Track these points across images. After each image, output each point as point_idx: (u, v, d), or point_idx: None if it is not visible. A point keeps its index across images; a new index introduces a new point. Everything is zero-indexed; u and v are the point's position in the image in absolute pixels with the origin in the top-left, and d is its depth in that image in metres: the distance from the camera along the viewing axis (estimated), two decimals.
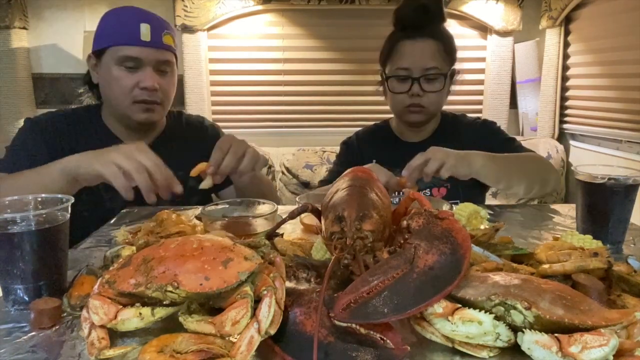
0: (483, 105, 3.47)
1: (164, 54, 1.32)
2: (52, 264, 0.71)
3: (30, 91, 3.28)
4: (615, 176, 0.95)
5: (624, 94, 2.70)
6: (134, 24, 1.26)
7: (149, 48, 1.28)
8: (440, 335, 0.56)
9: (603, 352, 0.48)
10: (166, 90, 1.35)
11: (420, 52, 1.39)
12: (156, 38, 1.28)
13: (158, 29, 1.29)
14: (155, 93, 1.30)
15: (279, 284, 0.58)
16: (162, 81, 1.32)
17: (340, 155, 1.64)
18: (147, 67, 1.28)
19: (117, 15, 1.33)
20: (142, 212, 1.22)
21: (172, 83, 1.38)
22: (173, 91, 1.39)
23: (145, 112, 1.32)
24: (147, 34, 1.27)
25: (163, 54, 1.31)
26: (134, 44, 1.26)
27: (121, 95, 1.29)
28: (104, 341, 0.56)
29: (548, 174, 1.37)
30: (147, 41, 1.27)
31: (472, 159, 1.18)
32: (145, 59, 1.28)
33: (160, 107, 1.35)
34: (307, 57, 3.38)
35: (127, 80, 1.28)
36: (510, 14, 3.27)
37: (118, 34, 1.28)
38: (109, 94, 1.33)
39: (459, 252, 0.59)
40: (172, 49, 1.35)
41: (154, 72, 1.30)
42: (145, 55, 1.28)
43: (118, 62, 1.27)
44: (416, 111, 1.43)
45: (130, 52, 1.26)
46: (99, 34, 1.32)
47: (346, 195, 0.74)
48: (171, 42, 1.34)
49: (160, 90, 1.31)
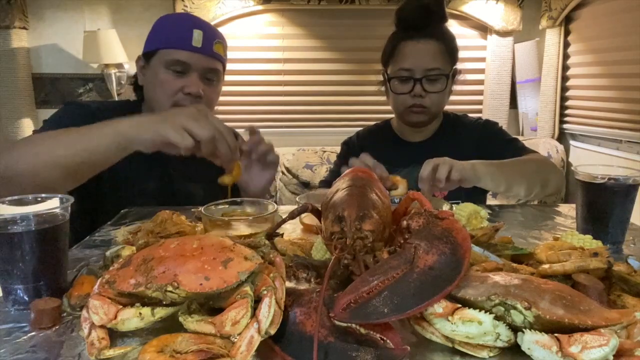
0: (483, 105, 3.47)
1: (213, 62, 1.30)
2: (52, 264, 0.71)
3: (30, 91, 3.28)
4: (615, 176, 0.95)
5: (624, 94, 2.70)
6: (187, 29, 1.25)
7: (199, 54, 1.26)
8: (440, 335, 0.56)
9: (603, 352, 0.48)
10: (210, 99, 1.32)
11: (422, 53, 1.39)
12: (207, 45, 1.27)
13: (210, 37, 1.28)
14: (198, 100, 1.28)
15: (279, 284, 0.58)
16: (207, 89, 1.30)
17: (341, 156, 1.64)
18: (194, 73, 1.27)
19: (171, 19, 1.33)
20: (142, 212, 1.22)
21: (217, 92, 1.36)
22: (216, 101, 1.37)
23: None
24: (199, 40, 1.25)
25: (212, 62, 1.30)
26: (185, 48, 1.25)
27: (164, 97, 1.27)
28: (104, 341, 0.56)
29: (549, 175, 1.37)
30: (197, 47, 1.25)
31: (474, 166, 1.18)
32: (193, 65, 1.26)
33: None
34: (307, 57, 3.38)
35: (172, 84, 1.26)
36: (510, 14, 3.27)
37: (170, 38, 1.27)
38: (152, 96, 1.31)
39: (459, 252, 0.59)
40: (221, 59, 1.34)
41: (200, 79, 1.28)
42: (194, 61, 1.26)
43: (166, 65, 1.26)
44: (418, 111, 1.43)
45: (180, 56, 1.25)
46: (151, 36, 1.31)
47: (346, 195, 0.74)
48: (221, 51, 1.33)
49: (204, 98, 1.29)
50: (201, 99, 1.28)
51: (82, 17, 3.26)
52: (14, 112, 3.23)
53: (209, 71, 1.30)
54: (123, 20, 3.25)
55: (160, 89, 1.27)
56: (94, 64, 3.29)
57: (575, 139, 3.25)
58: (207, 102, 1.31)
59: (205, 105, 1.30)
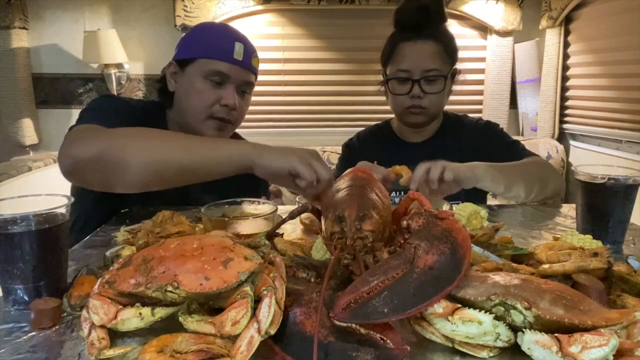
0: (483, 106, 3.47)
1: (249, 75, 1.31)
2: (52, 264, 0.71)
3: (30, 91, 3.28)
4: (615, 176, 0.95)
5: (624, 94, 2.70)
6: (229, 41, 1.26)
7: (239, 67, 1.27)
8: (440, 335, 0.56)
9: (603, 352, 0.48)
10: (242, 111, 1.33)
11: (420, 54, 1.39)
12: (247, 59, 1.28)
13: (249, 51, 1.29)
14: (232, 112, 1.29)
15: (279, 284, 0.58)
16: (240, 101, 1.31)
17: (342, 159, 1.64)
18: (232, 85, 1.27)
19: (213, 30, 1.33)
20: (142, 212, 1.21)
21: (248, 104, 1.37)
22: (246, 112, 1.38)
23: (218, 130, 1.30)
24: (240, 53, 1.26)
25: (249, 75, 1.31)
26: (226, 60, 1.25)
27: (200, 107, 1.27)
28: (104, 341, 0.56)
29: (549, 178, 1.36)
30: (238, 60, 1.26)
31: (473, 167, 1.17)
32: (233, 77, 1.26)
33: (232, 126, 1.34)
34: (307, 57, 3.38)
35: (209, 95, 1.26)
36: (510, 14, 3.27)
37: (212, 48, 1.26)
38: (186, 105, 1.30)
39: (459, 252, 0.59)
40: (256, 72, 1.35)
41: (236, 92, 1.29)
42: (234, 73, 1.26)
43: (205, 75, 1.25)
44: (417, 112, 1.43)
45: (221, 68, 1.24)
46: (188, 43, 1.31)
47: (346, 196, 0.74)
48: (257, 65, 1.34)
49: (238, 109, 1.30)
50: (236, 110, 1.29)
51: (82, 17, 3.26)
52: (14, 112, 3.23)
53: (245, 84, 1.31)
54: (123, 20, 3.25)
55: (196, 98, 1.27)
56: (94, 64, 3.29)
57: (575, 139, 3.25)
58: (239, 113, 1.32)
59: (239, 117, 1.33)
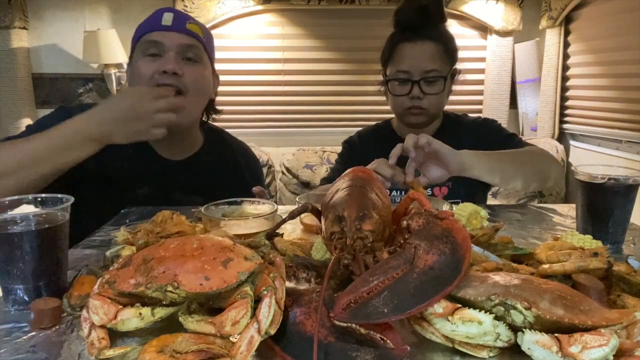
0: (483, 105, 3.47)
1: (188, 39, 1.25)
2: (52, 264, 0.71)
3: (30, 91, 3.28)
4: (615, 176, 0.95)
5: (624, 94, 2.70)
6: (157, 14, 1.26)
7: (171, 32, 1.24)
8: (440, 335, 0.56)
9: (603, 352, 0.48)
10: (194, 79, 1.24)
11: (419, 55, 1.39)
12: (178, 24, 1.25)
13: (182, 17, 1.27)
14: (177, 78, 1.21)
15: (279, 284, 0.58)
16: (188, 69, 1.23)
17: (342, 154, 1.64)
18: (170, 52, 1.23)
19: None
20: (142, 212, 1.22)
21: (202, 74, 1.28)
22: (203, 83, 1.29)
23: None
24: (169, 20, 1.24)
25: (186, 38, 1.25)
26: (156, 28, 1.24)
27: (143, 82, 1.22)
28: (104, 341, 0.56)
29: (548, 166, 1.35)
30: (168, 25, 1.24)
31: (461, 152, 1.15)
32: (167, 43, 1.22)
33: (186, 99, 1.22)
34: (307, 57, 3.39)
35: (148, 67, 1.22)
36: (510, 14, 3.27)
37: (142, 25, 1.27)
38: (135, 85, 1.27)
39: (459, 252, 0.59)
40: (198, 37, 1.28)
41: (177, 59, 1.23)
42: (167, 39, 1.22)
43: (142, 51, 1.24)
44: (416, 113, 1.43)
45: (152, 37, 1.23)
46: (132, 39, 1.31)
47: (346, 195, 0.74)
48: (198, 31, 1.28)
49: (187, 77, 1.22)
50: (179, 77, 1.22)
51: (82, 17, 3.26)
52: (14, 112, 3.23)
53: (186, 49, 1.25)
54: (123, 20, 3.24)
55: (137, 75, 1.24)
56: (94, 64, 3.29)
57: (575, 139, 3.25)
58: (192, 82, 1.24)
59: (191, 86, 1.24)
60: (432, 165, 1.12)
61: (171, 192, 1.34)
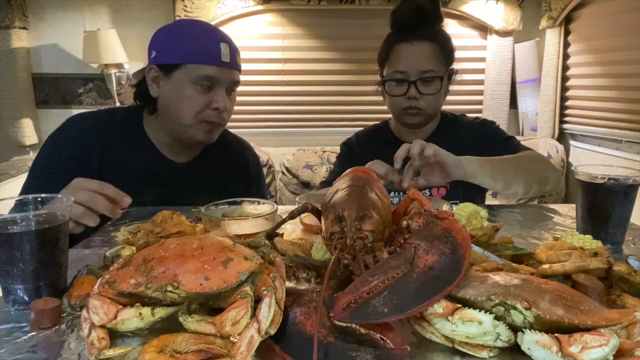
0: (483, 105, 3.47)
1: (237, 75, 1.29)
2: (52, 264, 0.71)
3: (30, 91, 3.28)
4: (615, 176, 0.95)
5: (624, 94, 2.70)
6: (215, 43, 1.22)
7: (227, 69, 1.24)
8: (440, 335, 0.56)
9: (603, 352, 0.48)
10: (230, 111, 1.32)
11: (416, 55, 1.39)
12: (233, 59, 1.25)
13: (234, 50, 1.26)
14: (221, 114, 1.27)
15: (279, 284, 0.58)
16: (228, 101, 1.29)
17: (340, 157, 1.64)
18: (221, 87, 1.25)
19: (195, 31, 1.26)
20: (142, 212, 1.22)
21: (234, 102, 1.35)
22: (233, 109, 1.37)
23: (209, 132, 1.29)
24: (227, 55, 1.23)
25: (236, 74, 1.29)
26: (216, 64, 1.22)
27: (190, 113, 1.24)
28: (104, 341, 0.56)
29: (547, 172, 1.36)
30: (227, 62, 1.23)
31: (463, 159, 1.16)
32: (222, 80, 1.24)
33: (221, 127, 1.33)
34: (307, 57, 3.38)
35: (200, 100, 1.23)
36: (510, 14, 3.27)
37: (198, 52, 1.22)
38: (176, 111, 1.27)
39: (459, 252, 0.59)
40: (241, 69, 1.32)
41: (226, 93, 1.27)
42: (223, 76, 1.24)
43: (195, 80, 1.22)
44: (413, 113, 1.43)
45: (211, 72, 1.22)
46: (170, 47, 1.24)
47: (346, 195, 0.74)
48: (240, 61, 1.31)
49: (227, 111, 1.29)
50: (226, 112, 1.28)
51: (82, 17, 3.26)
52: (14, 112, 3.23)
53: (233, 84, 1.29)
54: (123, 20, 3.25)
55: (187, 104, 1.24)
56: (94, 64, 3.29)
57: (575, 139, 3.25)
58: (228, 113, 1.32)
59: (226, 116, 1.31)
60: (433, 170, 1.12)
61: (176, 194, 1.34)
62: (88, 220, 0.98)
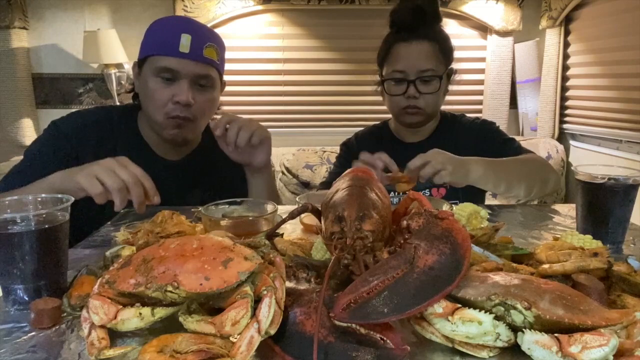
0: (483, 106, 3.47)
1: (204, 68, 1.24)
2: (52, 264, 0.71)
3: (30, 91, 3.28)
4: (615, 176, 0.95)
5: (624, 94, 2.70)
6: (174, 34, 1.21)
7: (187, 60, 1.21)
8: (440, 335, 0.56)
9: (603, 352, 0.48)
10: (201, 107, 1.27)
11: (415, 55, 1.39)
12: (196, 50, 1.21)
13: (200, 41, 1.22)
14: (188, 109, 1.24)
15: (279, 284, 0.58)
16: (199, 96, 1.25)
17: (340, 157, 1.65)
18: (184, 80, 1.22)
19: (161, 24, 1.28)
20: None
21: (211, 100, 1.30)
22: (211, 108, 1.32)
23: (176, 128, 1.26)
24: (187, 46, 1.20)
25: (202, 67, 1.24)
26: (172, 54, 1.20)
27: (156, 108, 1.24)
28: (104, 341, 0.56)
29: (547, 175, 1.37)
30: (185, 52, 1.20)
31: (471, 167, 1.17)
32: (182, 71, 1.21)
33: (193, 124, 1.28)
34: (307, 57, 3.38)
35: (162, 93, 1.23)
36: (510, 14, 3.27)
37: (157, 44, 1.23)
38: (146, 106, 1.29)
39: (459, 252, 0.59)
40: (214, 63, 1.27)
41: (191, 87, 1.23)
42: (183, 67, 1.21)
43: (155, 72, 1.22)
44: (413, 113, 1.44)
45: (167, 63, 1.21)
46: (142, 43, 1.28)
47: (346, 195, 0.74)
48: (214, 55, 1.27)
49: (196, 105, 1.25)
50: (191, 107, 1.24)
51: (82, 17, 3.26)
52: (14, 112, 3.23)
53: (200, 77, 1.25)
54: (123, 20, 3.24)
55: (151, 98, 1.24)
56: (94, 64, 3.29)
57: (575, 139, 3.25)
58: (199, 110, 1.27)
59: (199, 113, 1.27)
60: None
61: (170, 192, 1.34)
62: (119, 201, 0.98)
